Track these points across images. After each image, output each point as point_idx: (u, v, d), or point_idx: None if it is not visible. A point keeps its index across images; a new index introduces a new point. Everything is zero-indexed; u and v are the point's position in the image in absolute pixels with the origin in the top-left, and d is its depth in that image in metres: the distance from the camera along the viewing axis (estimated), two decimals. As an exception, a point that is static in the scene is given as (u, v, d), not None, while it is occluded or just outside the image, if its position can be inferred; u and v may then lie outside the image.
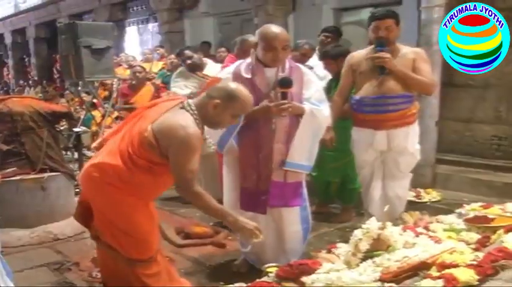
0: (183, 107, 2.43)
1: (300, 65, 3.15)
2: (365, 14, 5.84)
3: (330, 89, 3.93)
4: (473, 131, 5.25)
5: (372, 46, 3.44)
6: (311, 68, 3.41)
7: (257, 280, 2.35)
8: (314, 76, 3.20)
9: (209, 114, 2.42)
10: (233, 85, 2.51)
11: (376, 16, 3.39)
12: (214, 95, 2.42)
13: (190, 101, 2.48)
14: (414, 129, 3.52)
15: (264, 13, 7.23)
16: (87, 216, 2.65)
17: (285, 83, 2.86)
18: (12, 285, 2.23)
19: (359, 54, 3.56)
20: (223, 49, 6.52)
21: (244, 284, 2.27)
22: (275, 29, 2.93)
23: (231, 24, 8.65)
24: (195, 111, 2.40)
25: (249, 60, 3.03)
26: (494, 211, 3.20)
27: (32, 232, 4.00)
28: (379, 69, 3.35)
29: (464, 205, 3.46)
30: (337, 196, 4.50)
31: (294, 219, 3.10)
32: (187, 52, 4.89)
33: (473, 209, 3.33)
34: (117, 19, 11.14)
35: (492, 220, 2.94)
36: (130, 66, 8.13)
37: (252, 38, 3.96)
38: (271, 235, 3.09)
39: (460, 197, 4.67)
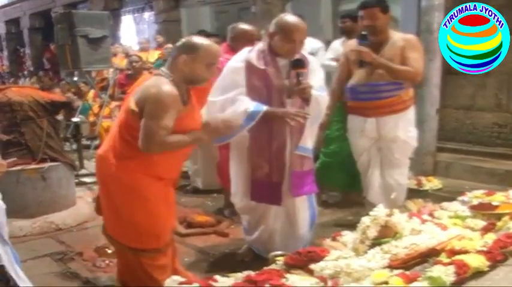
0: (158, 75, 2.47)
1: (306, 54, 3.11)
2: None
3: None
4: (474, 119, 5.26)
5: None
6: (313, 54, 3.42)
7: (264, 268, 2.33)
8: (317, 65, 3.19)
9: (184, 72, 2.43)
10: (191, 37, 2.54)
11: (361, 5, 3.40)
12: (178, 53, 2.45)
13: (163, 68, 2.52)
14: (406, 116, 3.53)
15: (262, 1, 7.17)
16: None
17: (299, 63, 2.85)
18: (22, 273, 2.22)
19: (352, 43, 3.56)
20: (217, 39, 6.48)
21: (253, 273, 2.25)
22: (296, 21, 2.88)
23: (228, 13, 8.59)
24: (170, 74, 2.43)
25: (259, 47, 2.98)
26: (498, 198, 3.19)
27: (34, 222, 3.99)
28: (359, 62, 3.37)
29: (466, 193, 3.45)
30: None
31: (303, 205, 3.12)
32: (217, 39, 4.90)
33: (476, 196, 3.33)
34: (112, 8, 11.01)
35: (496, 207, 2.94)
36: (127, 56, 8.09)
37: (243, 26, 3.94)
38: (281, 222, 3.12)
39: (461, 184, 4.67)
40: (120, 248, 2.62)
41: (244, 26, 3.92)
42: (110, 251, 3.37)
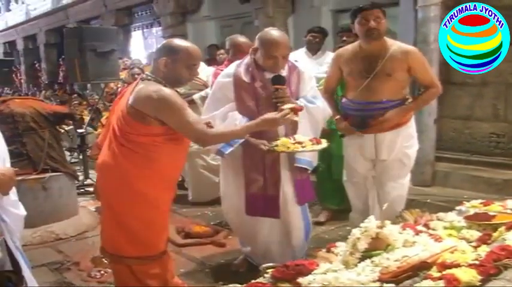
0: (143, 80, 2.49)
1: (297, 64, 3.11)
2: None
3: None
4: (472, 129, 5.21)
5: (358, 42, 3.30)
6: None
7: (252, 281, 2.30)
8: (308, 75, 3.13)
9: (166, 74, 2.45)
10: (171, 40, 2.58)
11: (363, 7, 3.18)
12: (159, 56, 2.47)
13: (146, 72, 2.57)
14: (407, 130, 3.39)
15: (264, 15, 7.24)
16: None
17: (278, 80, 2.81)
18: (34, 280, 2.24)
19: (347, 52, 3.37)
20: (222, 51, 6.55)
21: (239, 286, 2.22)
22: (276, 36, 2.85)
23: (232, 27, 8.66)
24: (156, 78, 2.44)
25: (246, 61, 3.00)
26: (494, 208, 3.13)
27: (34, 231, 4.02)
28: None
29: (464, 202, 3.40)
30: None
31: (298, 215, 3.10)
32: (222, 51, 4.97)
33: (473, 206, 3.27)
34: (123, 24, 11.27)
35: (493, 217, 2.89)
36: (131, 69, 8.18)
37: (238, 38, 3.96)
38: (276, 234, 3.11)
39: (459, 194, 4.61)
40: (116, 261, 2.59)
41: (239, 38, 3.95)
42: (106, 261, 3.39)
